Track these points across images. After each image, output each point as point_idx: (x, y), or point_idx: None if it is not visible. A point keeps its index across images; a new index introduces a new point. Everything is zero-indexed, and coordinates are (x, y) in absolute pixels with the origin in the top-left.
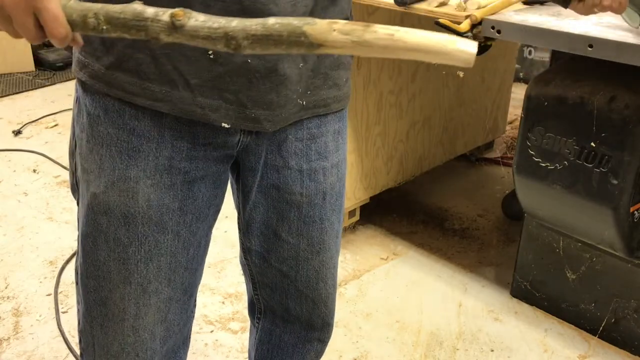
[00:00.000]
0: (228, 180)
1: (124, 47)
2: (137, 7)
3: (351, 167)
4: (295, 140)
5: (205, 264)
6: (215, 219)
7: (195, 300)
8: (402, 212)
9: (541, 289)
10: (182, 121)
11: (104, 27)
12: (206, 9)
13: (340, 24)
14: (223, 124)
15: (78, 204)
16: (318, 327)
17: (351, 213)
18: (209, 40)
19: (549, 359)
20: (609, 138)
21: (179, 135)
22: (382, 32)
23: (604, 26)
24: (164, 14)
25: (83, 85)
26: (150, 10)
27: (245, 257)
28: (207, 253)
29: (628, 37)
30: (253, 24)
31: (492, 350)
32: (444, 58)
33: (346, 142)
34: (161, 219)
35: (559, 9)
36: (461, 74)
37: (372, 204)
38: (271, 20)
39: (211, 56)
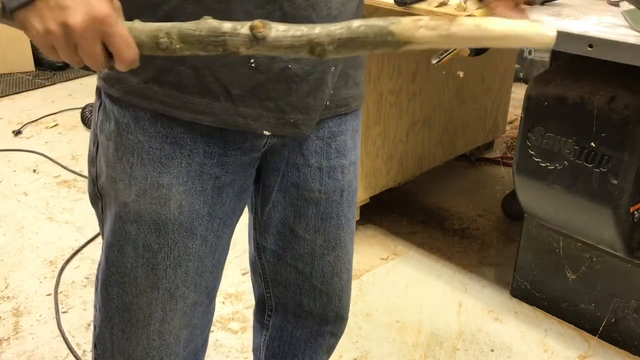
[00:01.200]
0: (252, 184)
1: (162, 60)
2: (213, 22)
3: None
4: (316, 138)
5: None
6: (236, 222)
7: (214, 304)
8: (402, 212)
9: (541, 289)
10: (215, 127)
11: (177, 46)
12: (248, 17)
13: (425, 20)
14: (265, 132)
15: (102, 212)
16: (331, 320)
17: None
18: (291, 48)
19: (549, 359)
20: (609, 138)
21: (211, 141)
22: (469, 23)
23: (604, 26)
24: (243, 27)
25: (112, 99)
26: (227, 25)
27: (259, 256)
28: (227, 255)
29: (628, 37)
30: (337, 28)
31: (492, 350)
32: (527, 43)
33: (359, 138)
34: (191, 225)
35: (559, 8)
36: (461, 74)
37: (372, 204)
38: (355, 23)
39: (252, 64)
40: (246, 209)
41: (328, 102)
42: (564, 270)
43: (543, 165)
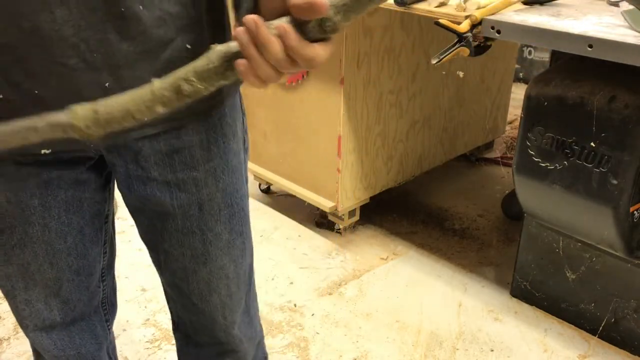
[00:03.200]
0: (92, 177)
1: None
2: (220, 47)
3: (351, 167)
4: (152, 151)
5: None
6: (98, 209)
7: (101, 278)
8: (402, 212)
9: (541, 289)
10: None
11: (201, 87)
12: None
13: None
14: (43, 152)
15: None
16: (223, 340)
17: (351, 213)
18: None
19: (549, 359)
20: (608, 138)
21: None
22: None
23: (604, 26)
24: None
25: None
26: (221, 48)
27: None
28: (101, 238)
29: (628, 37)
30: None
31: (492, 350)
32: None
33: (229, 149)
34: (23, 214)
35: (559, 8)
36: (461, 74)
37: (372, 204)
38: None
39: (1, 97)
40: None
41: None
42: (564, 270)
43: (543, 165)
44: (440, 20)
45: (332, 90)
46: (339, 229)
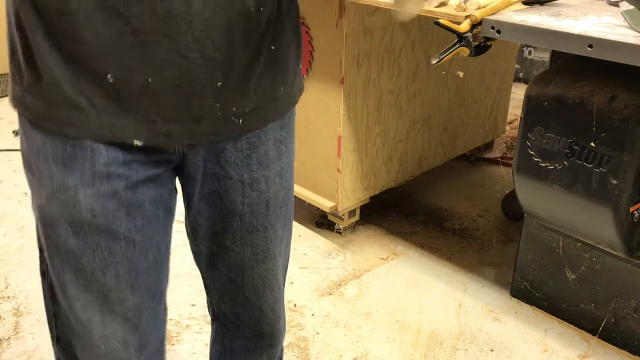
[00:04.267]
0: (173, 180)
1: (32, 73)
2: None
3: (351, 167)
4: (234, 150)
5: None
6: (170, 220)
7: (165, 306)
8: (402, 212)
9: (541, 289)
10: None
11: None
12: (98, 36)
13: None
14: (135, 142)
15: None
16: (267, 334)
17: (351, 213)
18: None
19: (549, 359)
20: (608, 138)
21: (111, 141)
22: None
23: (604, 26)
24: None
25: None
26: None
27: (196, 260)
28: (169, 255)
29: (628, 37)
30: None
31: (492, 350)
32: None
33: (291, 149)
34: (109, 227)
35: (559, 8)
36: (461, 74)
37: (372, 204)
38: None
39: (110, 80)
40: None
41: (240, 121)
42: (564, 270)
43: (543, 165)
44: (440, 20)
45: (332, 90)
46: (339, 229)
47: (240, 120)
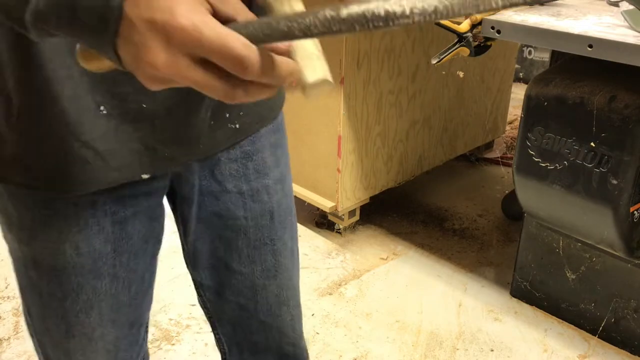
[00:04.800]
0: (163, 208)
1: (19, 144)
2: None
3: (351, 167)
4: (228, 161)
5: None
6: (157, 248)
7: (146, 327)
8: (402, 212)
9: (541, 289)
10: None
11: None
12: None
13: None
14: (143, 176)
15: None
16: (290, 353)
17: (351, 213)
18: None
19: (549, 359)
20: (608, 138)
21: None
22: None
23: (604, 26)
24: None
25: None
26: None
27: (198, 293)
28: (154, 280)
29: (628, 37)
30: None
31: (492, 350)
32: None
33: (287, 154)
34: (94, 266)
35: (559, 8)
36: (461, 74)
37: (372, 204)
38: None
39: (103, 111)
40: None
41: (236, 125)
42: (564, 270)
43: (543, 165)
44: (440, 20)
45: (332, 90)
46: (339, 229)
47: (237, 125)
